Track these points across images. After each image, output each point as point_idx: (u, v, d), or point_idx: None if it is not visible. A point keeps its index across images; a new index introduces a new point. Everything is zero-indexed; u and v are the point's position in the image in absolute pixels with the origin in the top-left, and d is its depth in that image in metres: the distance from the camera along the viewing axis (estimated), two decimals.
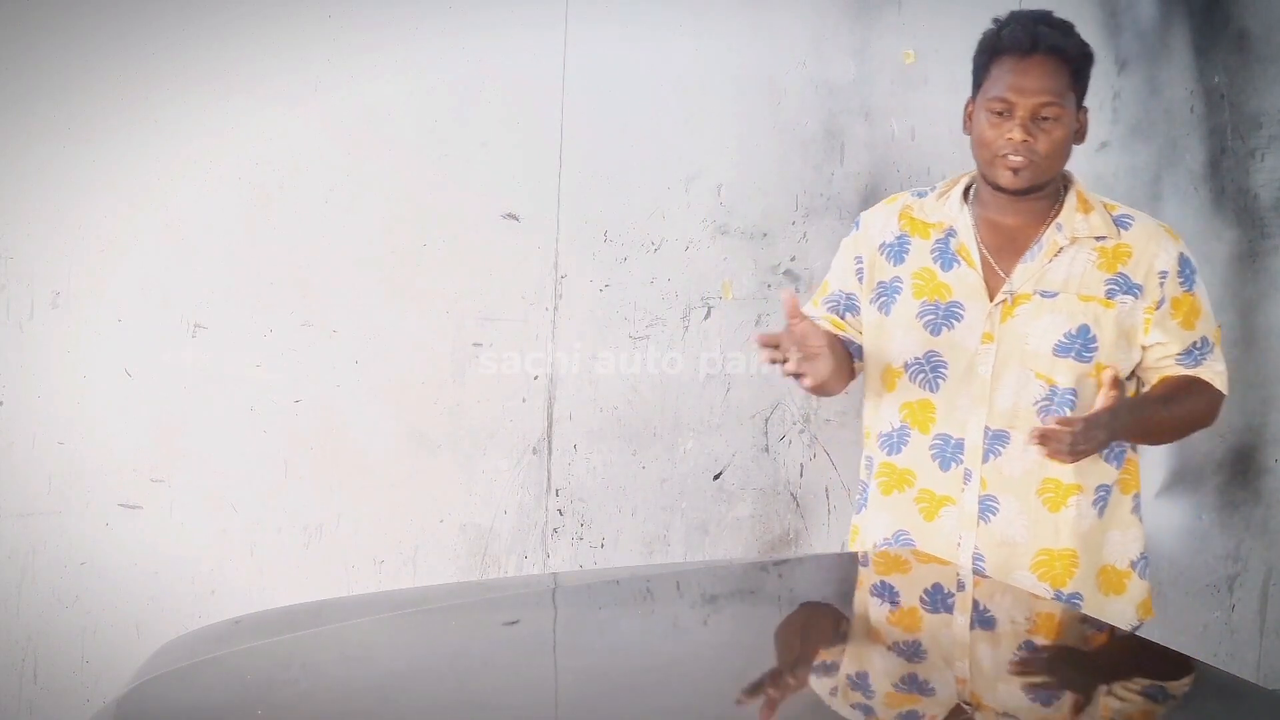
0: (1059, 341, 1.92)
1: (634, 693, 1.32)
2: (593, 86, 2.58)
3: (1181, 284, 1.95)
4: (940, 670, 1.48)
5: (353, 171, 2.43)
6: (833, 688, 1.41)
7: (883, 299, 2.03)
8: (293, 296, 2.41)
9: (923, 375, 1.99)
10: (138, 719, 1.26)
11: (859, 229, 2.10)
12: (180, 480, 2.36)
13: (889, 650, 1.54)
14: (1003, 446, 1.94)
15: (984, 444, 1.95)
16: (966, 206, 2.00)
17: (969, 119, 1.97)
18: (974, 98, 1.96)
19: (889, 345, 2.02)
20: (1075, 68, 1.90)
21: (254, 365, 2.39)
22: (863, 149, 2.81)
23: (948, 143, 2.60)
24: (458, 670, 1.39)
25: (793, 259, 2.75)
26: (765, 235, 2.75)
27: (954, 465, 1.97)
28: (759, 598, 1.80)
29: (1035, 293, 1.93)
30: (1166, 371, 1.97)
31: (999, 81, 1.88)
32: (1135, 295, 1.92)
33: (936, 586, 1.82)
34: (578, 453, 2.66)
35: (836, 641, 1.59)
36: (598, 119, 2.59)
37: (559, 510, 2.66)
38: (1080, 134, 1.94)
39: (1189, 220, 3.07)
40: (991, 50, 1.91)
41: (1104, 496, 1.98)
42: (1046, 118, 1.87)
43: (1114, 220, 1.96)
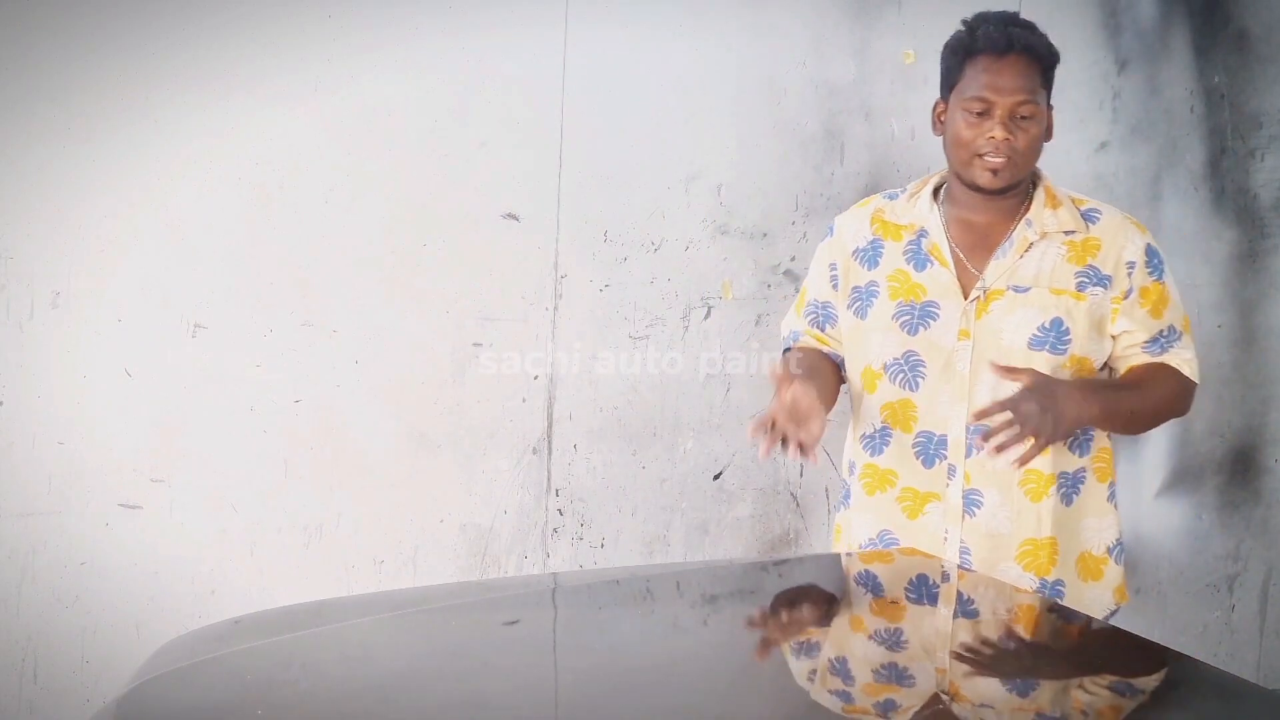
0: (1033, 335, 1.95)
1: (634, 693, 1.32)
2: (593, 86, 2.58)
3: (1149, 274, 1.98)
4: (922, 661, 1.48)
5: (353, 171, 2.43)
6: (812, 671, 1.41)
7: (858, 303, 2.06)
8: (293, 296, 2.41)
9: (902, 375, 2.01)
10: (138, 719, 1.26)
11: (833, 234, 2.13)
12: (180, 480, 2.36)
13: (871, 640, 1.56)
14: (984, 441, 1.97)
15: (966, 439, 1.98)
16: (937, 206, 2.04)
17: (939, 120, 2.00)
18: (944, 99, 1.99)
19: (867, 348, 2.04)
20: (1045, 66, 1.94)
21: (254, 365, 2.39)
22: (863, 149, 2.81)
23: None
24: (458, 670, 1.39)
25: (793, 259, 2.75)
26: (765, 235, 2.75)
27: (937, 462, 2.00)
28: (759, 598, 1.80)
29: (1008, 288, 1.96)
30: (1134, 359, 2.01)
31: (975, 82, 1.91)
32: (1105, 286, 1.96)
33: (921, 577, 1.82)
34: (578, 453, 2.66)
35: (820, 632, 1.60)
36: (598, 119, 2.60)
37: (559, 510, 2.66)
38: (1049, 131, 1.98)
39: (1189, 220, 3.06)
40: (965, 51, 1.94)
41: (1076, 484, 2.01)
42: (1024, 116, 1.91)
43: (1082, 214, 2.00)
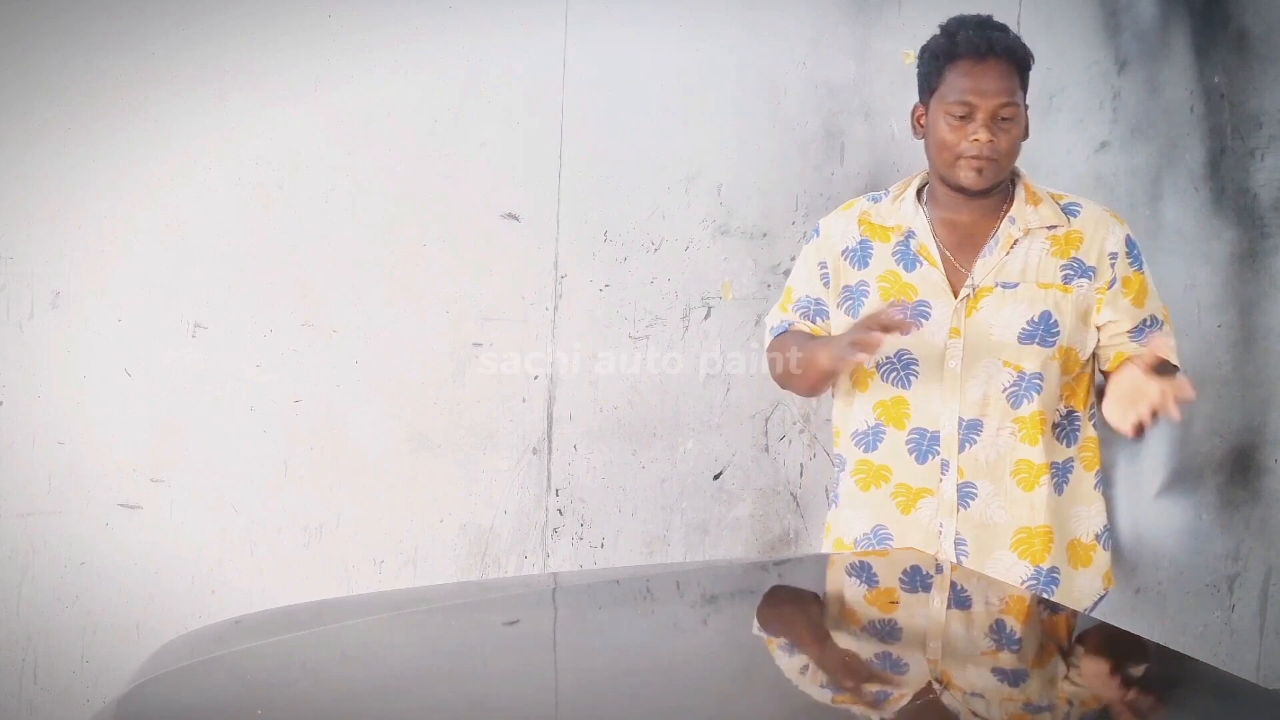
0: (1023, 329, 2.00)
1: (634, 693, 1.32)
2: (593, 86, 2.58)
3: (1130, 264, 2.04)
4: (918, 656, 1.48)
5: (353, 171, 2.43)
6: (806, 667, 1.41)
7: (849, 302, 2.10)
8: (293, 296, 2.41)
9: (895, 373, 2.05)
10: (138, 719, 1.26)
11: (819, 236, 2.17)
12: (180, 480, 2.36)
13: (864, 632, 1.57)
14: (976, 435, 2.03)
15: (959, 434, 2.02)
16: (921, 208, 2.08)
17: (918, 124, 2.06)
18: (923, 103, 2.04)
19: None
20: (1023, 68, 1.99)
21: (254, 365, 2.39)
22: (863, 149, 2.81)
23: None
24: (458, 670, 1.39)
25: (793, 259, 2.73)
26: (765, 235, 2.75)
27: (931, 457, 2.04)
28: (759, 598, 1.80)
29: (996, 285, 2.01)
30: (1120, 348, 2.05)
31: (957, 86, 1.96)
32: (1089, 278, 2.02)
33: (917, 573, 1.82)
34: (578, 453, 2.66)
35: (820, 629, 1.60)
36: (598, 119, 2.60)
37: (559, 510, 2.66)
38: (1025, 130, 2.03)
39: (1189, 220, 3.06)
40: (945, 56, 1.99)
41: (1064, 473, 2.06)
42: (1005, 117, 1.96)
43: (1062, 208, 2.05)
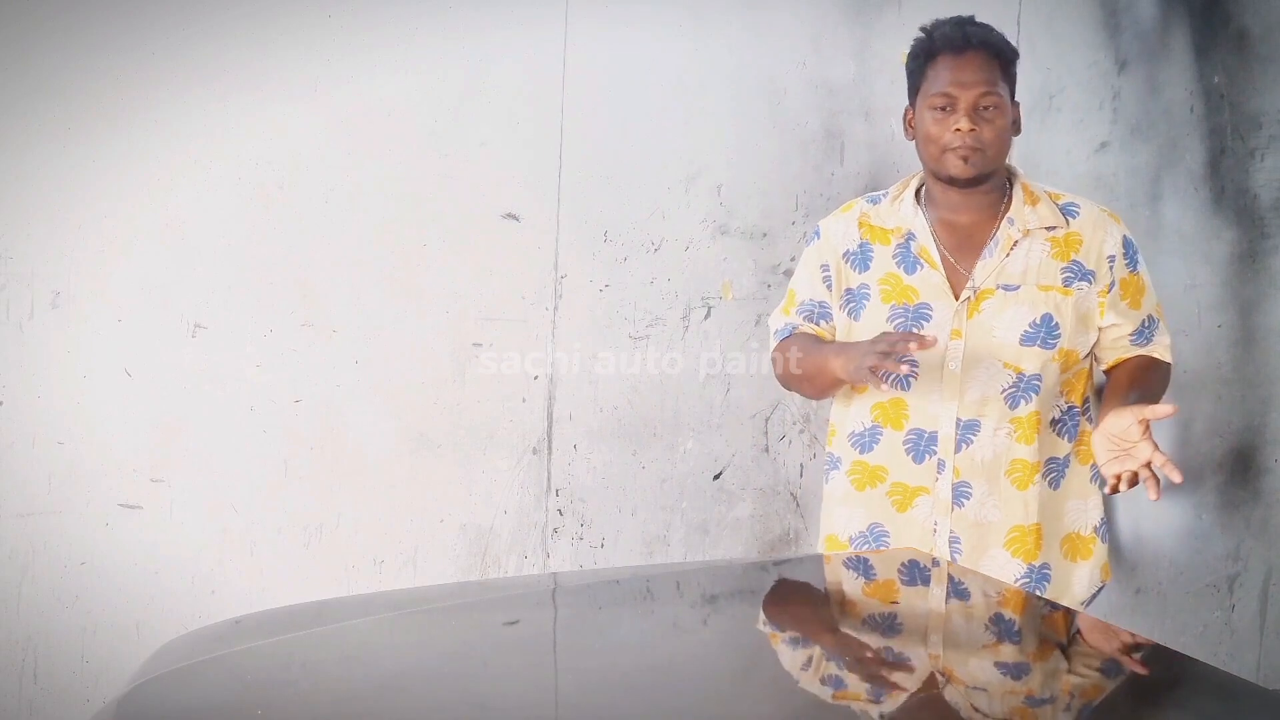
0: (1025, 331, 2.00)
1: (634, 693, 1.32)
2: (593, 86, 2.58)
3: (1128, 265, 2.05)
4: (918, 651, 1.48)
5: (353, 171, 2.43)
6: (809, 660, 1.41)
7: (851, 305, 2.10)
8: (293, 296, 2.41)
9: (895, 376, 2.03)
10: (138, 719, 1.26)
11: (820, 238, 2.17)
12: (180, 480, 2.36)
13: (864, 627, 1.57)
14: (973, 435, 2.03)
15: (956, 434, 2.03)
16: (920, 209, 2.08)
17: (909, 125, 2.07)
18: (911, 104, 2.06)
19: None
20: (1005, 61, 2.00)
21: (254, 365, 2.39)
22: (863, 149, 2.81)
23: None
24: (458, 670, 1.39)
25: (793, 259, 2.75)
26: (765, 235, 2.75)
27: (928, 457, 2.05)
28: (759, 598, 1.80)
29: (998, 287, 2.01)
30: (1121, 351, 2.07)
31: (938, 80, 1.98)
32: (1089, 281, 2.02)
33: (915, 568, 1.83)
34: (578, 453, 2.66)
35: (819, 627, 1.60)
36: (598, 119, 2.60)
37: (559, 510, 2.66)
38: (1016, 126, 2.04)
39: (1189, 220, 3.06)
40: (926, 54, 2.01)
41: (1060, 469, 2.07)
42: (987, 107, 1.97)
43: (1061, 209, 2.05)
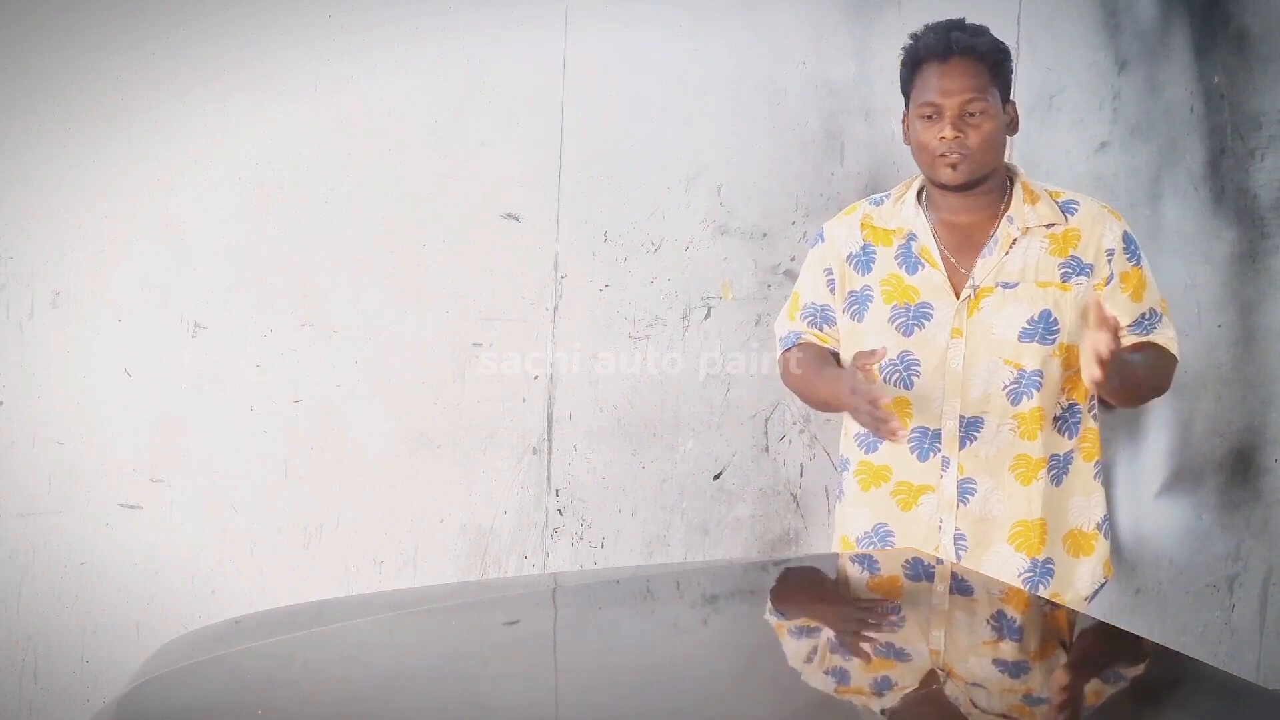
0: (1024, 328, 2.02)
1: (634, 693, 1.32)
2: (593, 86, 2.58)
3: (1128, 259, 2.06)
4: (919, 648, 1.48)
5: (353, 171, 2.43)
6: (812, 651, 1.41)
7: (854, 307, 2.13)
8: (293, 296, 2.41)
9: (897, 375, 2.08)
10: (138, 719, 1.26)
11: (824, 241, 2.20)
12: (180, 480, 2.36)
13: (867, 630, 1.58)
14: (977, 431, 2.05)
15: (960, 431, 2.05)
16: (922, 209, 2.11)
17: (907, 130, 2.09)
18: (906, 109, 2.09)
19: (863, 350, 2.07)
20: (992, 64, 2.01)
21: (254, 365, 2.39)
22: (863, 149, 2.81)
23: None
24: (458, 670, 1.39)
25: (792, 259, 2.75)
26: (765, 235, 2.75)
27: (932, 455, 2.08)
28: (759, 598, 1.80)
29: (997, 285, 2.04)
30: (1121, 341, 2.05)
31: (924, 88, 2.01)
32: (1088, 275, 2.04)
33: (918, 567, 1.82)
34: (578, 453, 2.66)
35: (818, 627, 1.60)
36: (598, 119, 2.59)
37: (559, 510, 2.66)
38: (1013, 125, 2.06)
39: (1189, 220, 3.06)
40: (913, 62, 2.04)
41: (1063, 465, 2.09)
42: (973, 113, 1.98)
43: (1060, 206, 2.07)
